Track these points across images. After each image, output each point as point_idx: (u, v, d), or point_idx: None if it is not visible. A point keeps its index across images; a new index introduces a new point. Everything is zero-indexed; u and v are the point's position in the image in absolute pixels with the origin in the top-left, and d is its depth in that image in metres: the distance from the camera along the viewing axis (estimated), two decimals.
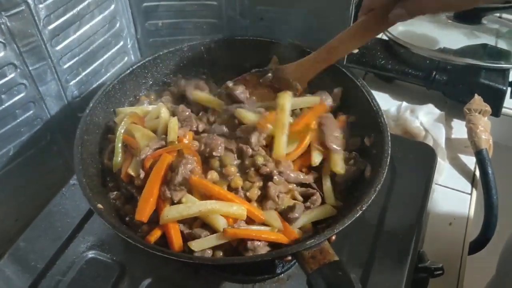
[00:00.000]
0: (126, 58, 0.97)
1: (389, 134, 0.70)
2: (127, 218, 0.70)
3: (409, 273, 0.69)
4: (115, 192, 0.73)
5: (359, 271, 0.69)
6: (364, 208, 0.62)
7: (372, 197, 0.63)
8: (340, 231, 0.61)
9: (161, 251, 0.60)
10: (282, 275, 0.69)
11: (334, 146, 0.73)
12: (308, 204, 0.70)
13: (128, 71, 0.84)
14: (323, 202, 0.72)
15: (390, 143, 0.69)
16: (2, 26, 0.69)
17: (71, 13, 0.80)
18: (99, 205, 0.65)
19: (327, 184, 0.73)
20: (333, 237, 0.63)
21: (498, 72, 1.03)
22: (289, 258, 0.61)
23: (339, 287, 0.54)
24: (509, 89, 1.02)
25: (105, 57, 0.91)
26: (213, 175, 0.69)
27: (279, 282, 0.69)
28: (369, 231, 0.74)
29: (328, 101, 0.81)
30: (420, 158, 0.85)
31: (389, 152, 0.68)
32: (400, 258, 0.70)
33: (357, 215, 0.61)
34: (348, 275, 0.54)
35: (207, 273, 0.70)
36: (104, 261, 0.72)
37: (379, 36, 1.20)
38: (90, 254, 0.72)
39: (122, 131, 0.74)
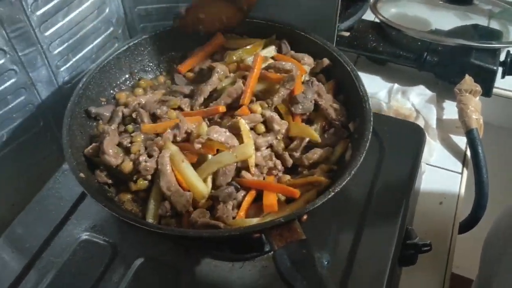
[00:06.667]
0: (116, 44, 0.97)
1: (371, 120, 0.71)
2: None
3: (396, 249, 0.69)
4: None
5: (347, 246, 0.70)
6: (336, 190, 0.62)
7: (346, 180, 0.63)
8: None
9: (134, 220, 0.62)
10: (271, 252, 0.70)
11: None
12: None
13: (125, 47, 0.84)
14: None
15: (371, 128, 0.70)
16: None
17: None
18: (81, 174, 0.66)
19: None
20: (305, 217, 0.63)
21: (489, 52, 1.03)
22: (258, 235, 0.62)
23: (302, 265, 0.55)
24: (500, 69, 1.02)
25: (95, 43, 0.92)
26: None
27: (268, 260, 0.69)
28: (357, 208, 0.74)
29: (308, 62, 0.84)
30: (408, 136, 0.85)
31: (369, 137, 0.68)
32: (387, 234, 0.71)
33: (329, 196, 0.62)
34: (311, 254, 0.56)
35: (197, 251, 0.71)
36: (97, 242, 0.73)
37: (371, 18, 1.20)
38: (83, 236, 0.73)
39: None
